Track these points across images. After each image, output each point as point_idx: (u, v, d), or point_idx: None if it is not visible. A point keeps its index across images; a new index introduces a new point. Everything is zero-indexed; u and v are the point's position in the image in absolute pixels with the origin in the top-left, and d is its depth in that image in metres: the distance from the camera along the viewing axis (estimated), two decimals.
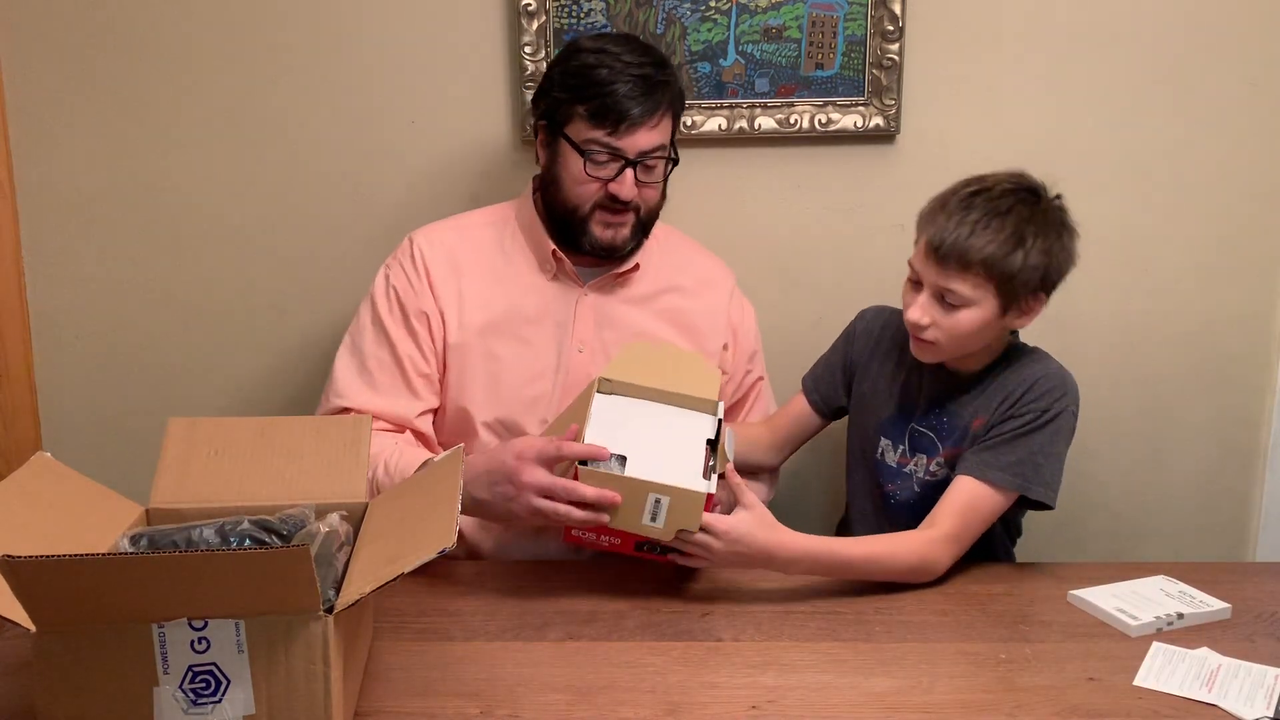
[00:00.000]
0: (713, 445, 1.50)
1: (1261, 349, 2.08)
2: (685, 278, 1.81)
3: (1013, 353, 1.65)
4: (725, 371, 1.81)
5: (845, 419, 1.81)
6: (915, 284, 1.59)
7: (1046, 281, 1.57)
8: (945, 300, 1.55)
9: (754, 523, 1.46)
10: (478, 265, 1.74)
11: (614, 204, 1.65)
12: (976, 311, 1.55)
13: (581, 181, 1.65)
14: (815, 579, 1.56)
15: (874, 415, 1.73)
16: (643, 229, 1.71)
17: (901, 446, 1.69)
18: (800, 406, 1.81)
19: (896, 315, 1.74)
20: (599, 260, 1.72)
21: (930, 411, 1.67)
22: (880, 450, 1.72)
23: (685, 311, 1.79)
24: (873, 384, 1.74)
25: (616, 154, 1.63)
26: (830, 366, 1.80)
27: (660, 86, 1.63)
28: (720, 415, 1.53)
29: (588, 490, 1.41)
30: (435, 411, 1.74)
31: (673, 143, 1.70)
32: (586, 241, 1.69)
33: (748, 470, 1.72)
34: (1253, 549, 2.15)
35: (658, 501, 1.41)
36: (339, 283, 2.06)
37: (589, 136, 1.63)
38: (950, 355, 1.62)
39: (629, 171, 1.64)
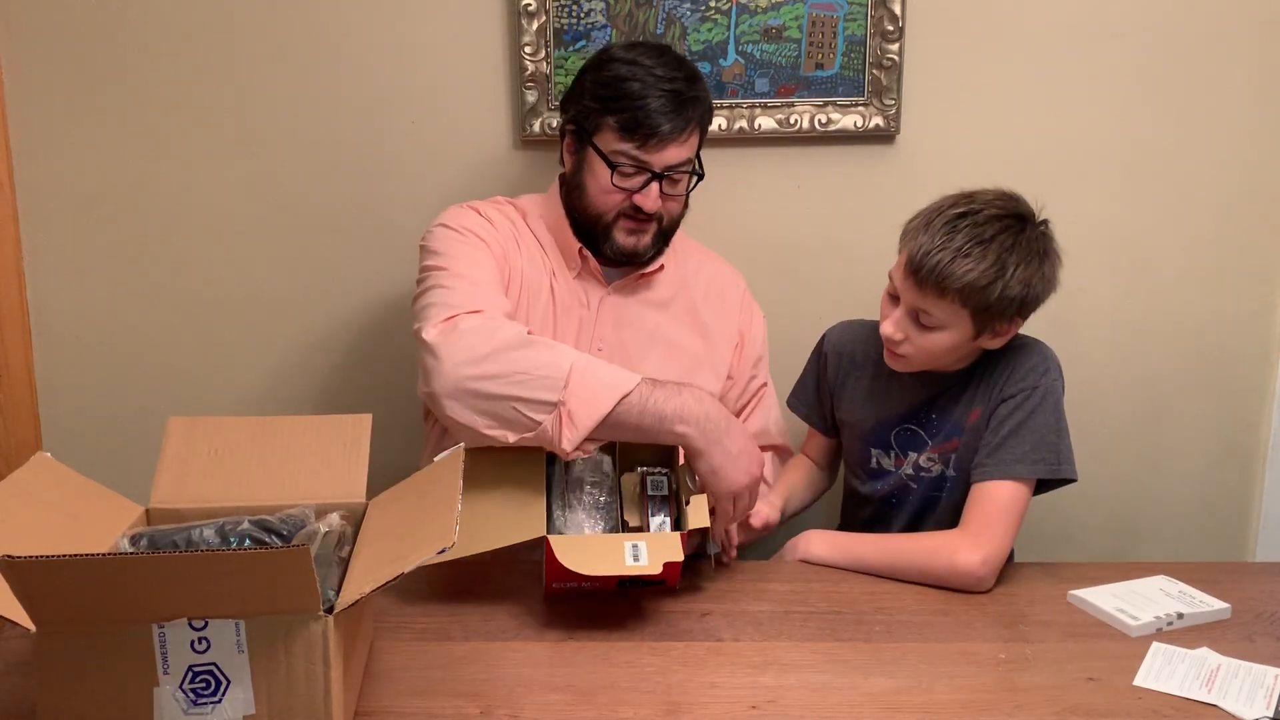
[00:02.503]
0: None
1: (1261, 349, 2.08)
2: (698, 282, 1.82)
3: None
4: (731, 376, 1.81)
5: None
6: (893, 298, 1.60)
7: (1024, 309, 1.57)
8: (919, 320, 1.56)
9: None
10: (524, 248, 1.74)
11: (638, 214, 1.66)
12: (949, 334, 1.56)
13: (608, 191, 1.66)
14: (816, 579, 1.56)
15: (859, 428, 1.74)
16: (664, 237, 1.73)
17: (893, 450, 1.70)
18: (818, 436, 1.83)
19: (864, 328, 1.76)
20: (625, 263, 1.74)
21: (915, 413, 1.68)
22: (874, 460, 1.73)
23: (699, 314, 1.80)
24: (853, 401, 1.75)
25: (644, 167, 1.64)
26: (810, 389, 1.82)
27: (691, 102, 1.64)
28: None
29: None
30: None
31: (699, 156, 1.70)
32: (608, 247, 1.70)
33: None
34: (1253, 549, 2.15)
35: (636, 546, 1.43)
36: (339, 283, 2.06)
37: (618, 148, 1.63)
38: (923, 368, 1.64)
39: (655, 185, 1.65)
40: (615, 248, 1.70)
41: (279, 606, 1.08)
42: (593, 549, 1.43)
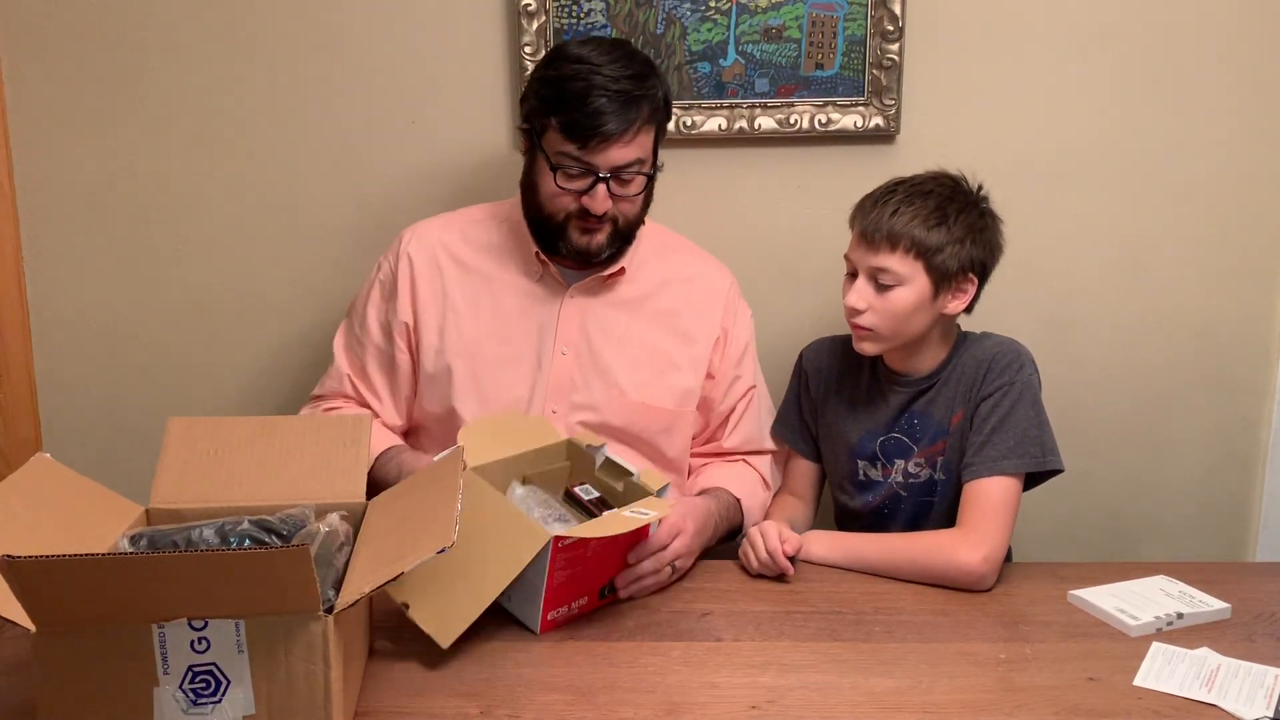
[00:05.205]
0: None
1: (1261, 349, 2.08)
2: (678, 280, 1.79)
3: (959, 342, 1.69)
4: (712, 374, 1.79)
5: None
6: (851, 276, 1.65)
7: (975, 261, 1.62)
8: (879, 281, 1.60)
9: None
10: (469, 263, 1.74)
11: (588, 216, 1.64)
12: (909, 290, 1.59)
13: (555, 194, 1.63)
14: (816, 579, 1.56)
15: (845, 441, 1.74)
16: (621, 237, 1.69)
17: (879, 461, 1.71)
18: (803, 465, 1.81)
19: (838, 342, 1.77)
20: (583, 264, 1.72)
21: (898, 420, 1.69)
22: (862, 472, 1.73)
23: (677, 315, 1.77)
24: (837, 414, 1.75)
25: (589, 169, 1.61)
26: (793, 411, 1.81)
27: (638, 101, 1.59)
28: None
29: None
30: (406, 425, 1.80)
31: (655, 154, 1.67)
32: (563, 247, 1.67)
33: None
34: (1253, 549, 2.15)
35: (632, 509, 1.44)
36: (338, 282, 2.06)
37: (561, 150, 1.61)
38: (890, 342, 1.64)
39: (601, 186, 1.61)
40: (570, 247, 1.67)
41: (279, 606, 1.08)
42: (596, 524, 1.42)
